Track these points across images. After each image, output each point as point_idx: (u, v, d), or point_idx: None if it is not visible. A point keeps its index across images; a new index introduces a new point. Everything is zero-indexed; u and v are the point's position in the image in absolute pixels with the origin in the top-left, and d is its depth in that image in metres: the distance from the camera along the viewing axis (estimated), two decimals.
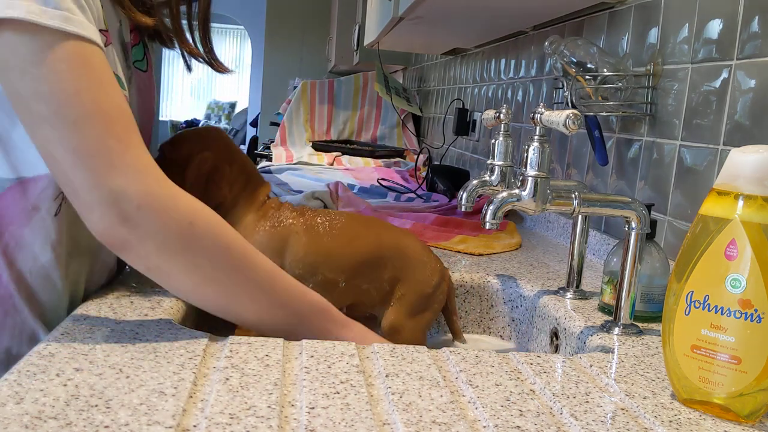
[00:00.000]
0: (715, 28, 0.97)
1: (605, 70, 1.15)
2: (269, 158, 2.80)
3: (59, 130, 0.63)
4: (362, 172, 2.40)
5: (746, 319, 0.57)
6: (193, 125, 9.48)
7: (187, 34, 0.85)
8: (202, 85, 10.54)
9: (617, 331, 0.81)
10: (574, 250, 0.97)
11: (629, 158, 1.18)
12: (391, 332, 0.90)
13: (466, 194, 0.99)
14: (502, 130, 1.03)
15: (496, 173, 1.02)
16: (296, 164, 2.57)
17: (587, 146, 1.34)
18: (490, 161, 1.03)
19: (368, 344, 0.71)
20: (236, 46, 9.98)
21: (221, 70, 0.90)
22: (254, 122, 5.68)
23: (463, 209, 0.99)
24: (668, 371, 0.63)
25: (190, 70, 0.89)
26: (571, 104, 1.17)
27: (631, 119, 1.19)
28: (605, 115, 1.22)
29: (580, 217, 0.98)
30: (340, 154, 2.76)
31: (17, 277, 0.72)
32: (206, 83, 10.49)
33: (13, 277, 0.72)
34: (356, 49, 3.16)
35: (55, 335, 0.65)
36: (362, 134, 3.18)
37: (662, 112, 1.09)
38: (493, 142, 1.03)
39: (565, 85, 1.19)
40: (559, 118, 0.77)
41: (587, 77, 1.16)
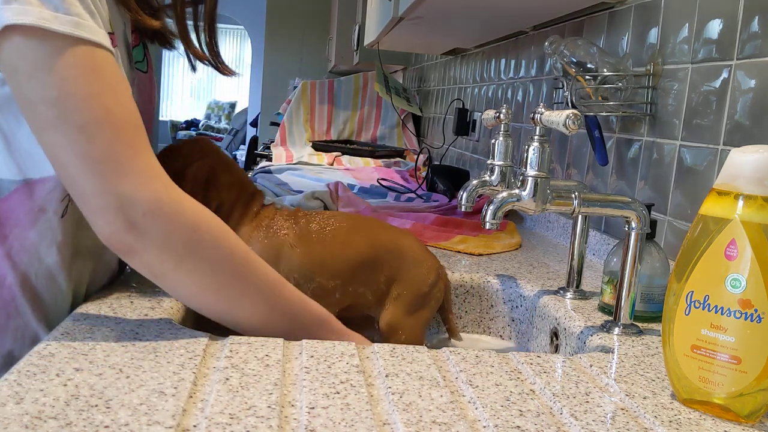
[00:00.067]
0: (715, 28, 0.97)
1: (605, 70, 1.15)
2: (269, 158, 2.80)
3: (67, 135, 0.63)
4: (362, 172, 2.40)
5: (746, 319, 0.57)
6: (193, 125, 9.49)
7: (192, 36, 0.85)
8: (202, 85, 10.55)
9: (617, 331, 0.81)
10: (574, 250, 0.97)
11: (629, 158, 1.18)
12: (389, 331, 0.90)
13: (466, 194, 0.99)
14: (502, 130, 1.03)
15: (496, 173, 1.02)
16: (296, 164, 2.57)
17: (587, 146, 1.34)
18: (490, 161, 1.03)
19: None
20: (236, 46, 9.98)
21: (227, 72, 0.89)
22: (254, 122, 5.68)
23: (463, 209, 0.99)
24: (668, 371, 0.63)
25: (194, 70, 0.89)
26: (571, 104, 1.17)
27: (631, 119, 1.19)
28: (605, 115, 1.22)
29: (580, 217, 0.98)
30: (340, 154, 2.76)
31: (21, 279, 0.72)
32: (206, 83, 10.49)
33: (17, 279, 0.72)
34: (356, 49, 3.16)
35: (55, 335, 0.65)
36: (362, 134, 3.18)
37: (662, 112, 1.09)
38: (493, 142, 1.03)
39: (565, 85, 1.19)
40: (559, 118, 0.77)
41: (587, 77, 1.16)
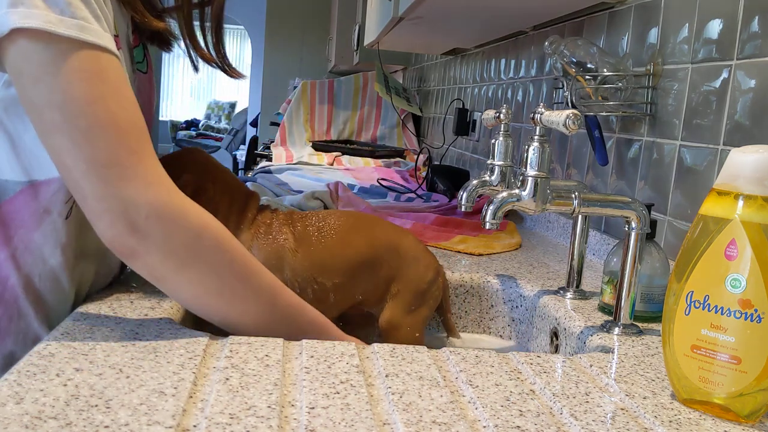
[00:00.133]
0: (715, 28, 0.97)
1: (605, 70, 1.15)
2: (269, 158, 2.80)
3: (72, 139, 0.63)
4: (362, 172, 2.40)
5: (746, 319, 0.57)
6: (193, 125, 9.49)
7: (199, 39, 0.85)
8: (202, 85, 10.54)
9: (617, 331, 0.81)
10: (574, 250, 0.97)
11: (629, 158, 1.18)
12: (389, 329, 0.90)
13: (466, 194, 0.99)
14: (502, 130, 1.03)
15: (496, 173, 1.02)
16: (296, 164, 2.57)
17: (587, 146, 1.34)
18: (490, 161, 1.03)
19: None
20: (236, 46, 9.98)
21: (235, 75, 0.89)
22: (254, 122, 5.67)
23: (463, 209, 0.99)
24: (668, 371, 0.63)
25: (197, 70, 0.88)
26: (571, 104, 1.17)
27: (631, 119, 1.19)
28: (605, 115, 1.22)
29: (580, 217, 0.98)
30: (340, 154, 2.76)
31: (24, 281, 0.72)
32: (206, 83, 10.49)
33: (20, 281, 0.72)
34: (356, 49, 3.16)
35: (55, 335, 0.65)
36: (362, 134, 3.18)
37: (662, 112, 1.09)
38: (493, 142, 1.03)
39: (565, 85, 1.19)
40: (559, 118, 0.77)
41: (587, 77, 1.16)
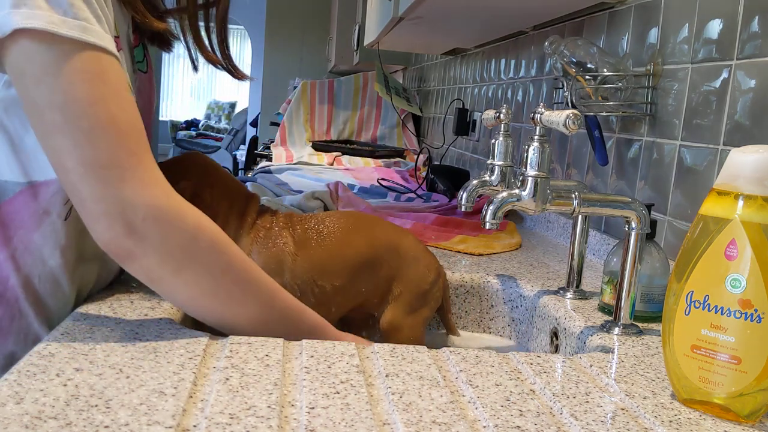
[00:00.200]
0: (715, 28, 0.97)
1: (605, 70, 1.15)
2: (269, 158, 2.80)
3: (71, 140, 0.63)
4: (362, 172, 2.40)
5: (746, 319, 0.57)
6: (193, 125, 9.48)
7: (205, 40, 0.85)
8: (202, 85, 10.54)
9: (617, 331, 0.81)
10: (574, 250, 0.97)
11: (629, 158, 1.18)
12: (389, 330, 0.90)
13: (466, 194, 0.99)
14: (502, 130, 1.03)
15: (496, 173, 1.02)
16: (296, 164, 2.57)
17: (587, 146, 1.34)
18: (490, 161, 1.03)
19: None
20: (236, 46, 9.96)
21: (240, 76, 0.89)
22: (254, 122, 5.67)
23: (463, 209, 0.99)
24: (668, 371, 0.63)
25: (196, 70, 0.88)
26: (571, 104, 1.17)
27: (631, 119, 1.19)
28: (605, 115, 1.22)
29: (580, 217, 0.98)
30: (340, 154, 2.76)
31: (24, 281, 0.72)
32: (206, 83, 10.49)
33: (20, 281, 0.72)
34: (356, 49, 3.16)
35: (55, 335, 0.65)
36: (362, 134, 3.18)
37: (662, 112, 1.09)
38: (493, 142, 1.03)
39: (565, 85, 1.19)
40: (559, 118, 0.77)
41: (587, 77, 1.16)
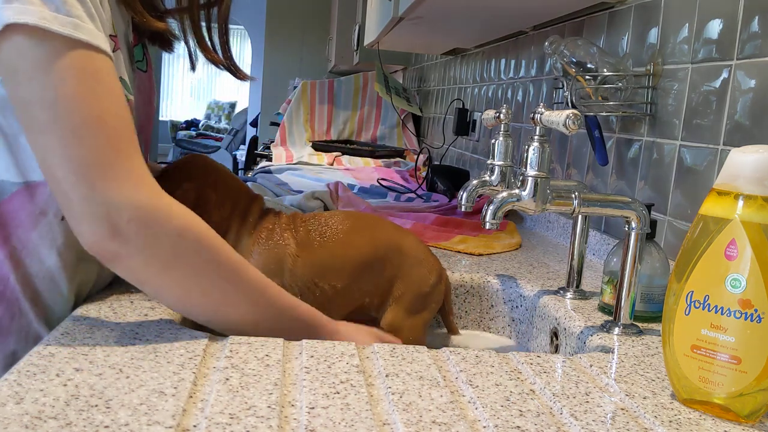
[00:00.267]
0: (715, 28, 0.97)
1: (605, 70, 1.15)
2: (269, 158, 2.80)
3: (59, 137, 0.63)
4: (362, 172, 2.40)
5: (746, 319, 0.57)
6: (193, 125, 9.49)
7: (206, 40, 0.84)
8: (202, 85, 10.54)
9: (617, 331, 0.81)
10: (574, 250, 0.97)
11: (629, 158, 1.18)
12: (390, 332, 0.90)
13: (466, 194, 0.99)
14: (502, 130, 1.03)
15: (496, 173, 1.02)
16: (296, 164, 2.57)
17: (587, 146, 1.34)
18: (490, 161, 1.03)
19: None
20: (236, 46, 9.96)
21: (242, 77, 0.89)
22: (254, 122, 5.67)
23: (463, 209, 0.99)
24: (668, 371, 0.63)
25: (194, 69, 0.88)
26: (571, 104, 1.17)
27: (631, 119, 1.19)
28: (605, 115, 1.22)
29: (580, 217, 0.98)
30: (340, 154, 2.76)
31: (24, 280, 0.72)
32: (206, 83, 10.49)
33: (19, 280, 0.72)
34: (356, 49, 3.16)
35: (55, 335, 0.65)
36: (362, 134, 3.18)
37: (662, 112, 1.09)
38: (493, 142, 1.03)
39: (565, 85, 1.19)
40: (559, 118, 0.77)
41: (587, 77, 1.16)
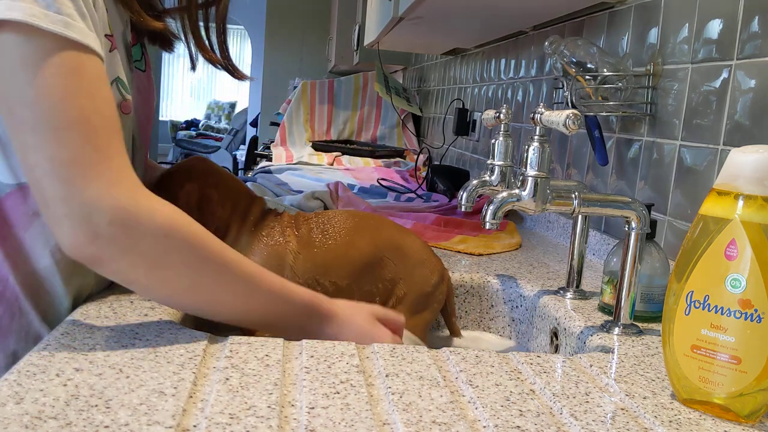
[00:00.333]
0: (715, 28, 0.97)
1: (605, 70, 1.15)
2: (269, 158, 2.80)
3: (39, 135, 0.61)
4: (362, 172, 2.40)
5: (746, 319, 0.57)
6: (193, 125, 9.49)
7: (204, 39, 0.84)
8: (202, 85, 10.54)
9: (617, 331, 0.81)
10: (574, 250, 0.97)
11: (629, 158, 1.18)
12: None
13: (466, 194, 0.99)
14: (502, 130, 1.03)
15: (496, 173, 1.02)
16: (296, 164, 2.57)
17: (587, 146, 1.34)
18: (490, 161, 1.03)
19: (352, 330, 0.74)
20: (236, 46, 9.97)
21: (240, 76, 0.88)
22: (254, 122, 5.67)
23: (463, 209, 0.99)
24: (668, 371, 0.63)
25: (194, 69, 0.88)
26: (571, 104, 1.17)
27: (631, 119, 1.19)
28: (605, 115, 1.22)
29: (580, 217, 0.98)
30: (340, 154, 2.76)
31: (23, 280, 0.72)
32: (206, 83, 10.49)
33: (18, 279, 0.72)
34: (356, 49, 3.16)
35: (55, 335, 0.65)
36: (362, 134, 3.18)
37: (662, 112, 1.09)
38: (493, 142, 1.03)
39: (565, 85, 1.19)
40: (559, 118, 0.77)
41: (587, 77, 1.16)
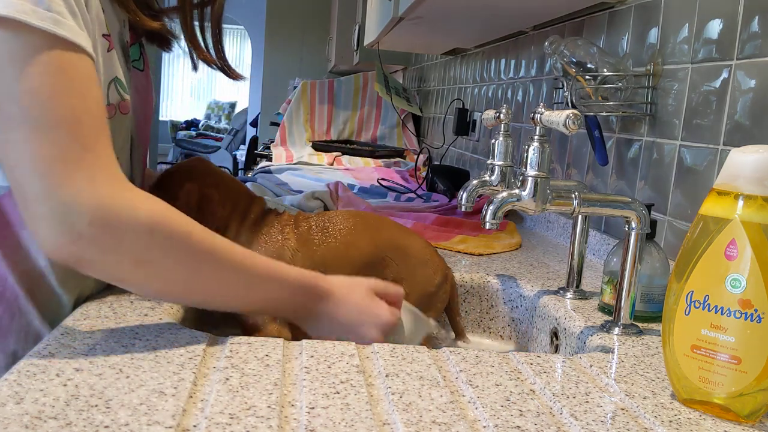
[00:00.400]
0: (715, 28, 0.97)
1: (605, 70, 1.15)
2: (269, 158, 2.80)
3: (22, 132, 0.60)
4: (362, 172, 2.40)
5: (746, 319, 0.57)
6: (193, 125, 9.49)
7: (199, 39, 0.84)
8: (202, 85, 10.54)
9: (617, 331, 0.81)
10: (574, 250, 0.97)
11: (629, 158, 1.18)
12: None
13: (466, 194, 0.99)
14: (502, 130, 1.03)
15: (496, 173, 1.02)
16: (296, 164, 2.57)
17: (587, 146, 1.34)
18: (490, 161, 1.03)
19: (350, 307, 0.75)
20: (236, 46, 9.98)
21: (235, 76, 0.88)
22: (254, 122, 5.67)
23: (463, 209, 0.99)
24: (668, 371, 0.63)
25: (195, 69, 0.88)
26: (571, 104, 1.17)
27: (631, 119, 1.19)
28: (605, 115, 1.22)
29: (580, 217, 0.98)
30: (340, 154, 2.76)
31: (21, 279, 0.72)
32: (206, 83, 10.49)
33: (17, 279, 0.72)
34: (356, 49, 3.16)
35: (55, 335, 0.65)
36: (362, 134, 3.18)
37: (662, 112, 1.09)
38: (493, 142, 1.03)
39: (565, 85, 1.19)
40: (559, 118, 0.77)
41: (587, 77, 1.16)
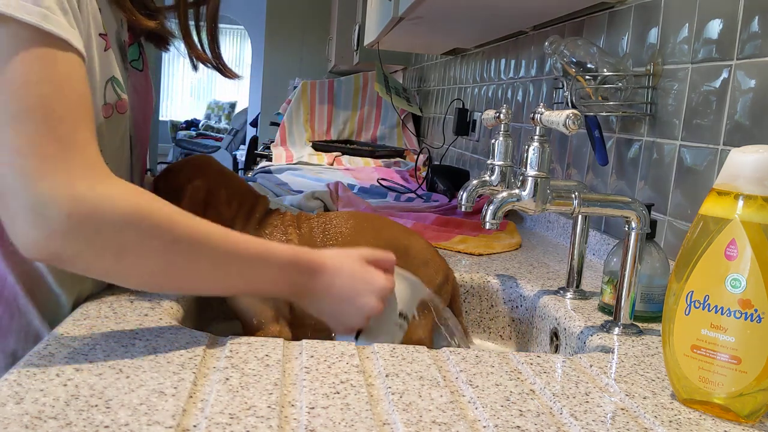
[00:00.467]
0: (715, 28, 0.97)
1: (605, 70, 1.15)
2: (269, 158, 2.80)
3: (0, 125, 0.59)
4: (362, 172, 2.40)
5: (746, 319, 0.57)
6: (193, 125, 9.49)
7: (194, 38, 0.84)
8: (202, 85, 10.54)
9: (617, 331, 0.81)
10: (574, 250, 0.97)
11: (629, 158, 1.18)
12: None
13: (466, 194, 0.99)
14: (502, 130, 1.03)
15: (496, 173, 1.02)
16: (296, 164, 2.57)
17: (587, 146, 1.34)
18: (490, 161, 1.03)
19: (344, 278, 0.74)
20: (236, 46, 9.98)
21: (230, 75, 0.88)
22: (254, 122, 5.67)
23: (463, 209, 0.99)
24: (668, 371, 0.63)
25: (195, 69, 0.88)
26: (571, 104, 1.17)
27: (631, 119, 1.19)
28: (605, 115, 1.22)
29: (580, 217, 0.98)
30: (340, 154, 2.76)
31: (20, 279, 0.72)
32: (206, 83, 10.49)
33: (16, 279, 0.72)
34: (356, 49, 3.16)
35: (55, 335, 0.65)
36: (362, 134, 3.18)
37: (662, 112, 1.09)
38: (493, 142, 1.03)
39: (565, 85, 1.19)
40: (559, 118, 0.77)
41: (587, 77, 1.16)
